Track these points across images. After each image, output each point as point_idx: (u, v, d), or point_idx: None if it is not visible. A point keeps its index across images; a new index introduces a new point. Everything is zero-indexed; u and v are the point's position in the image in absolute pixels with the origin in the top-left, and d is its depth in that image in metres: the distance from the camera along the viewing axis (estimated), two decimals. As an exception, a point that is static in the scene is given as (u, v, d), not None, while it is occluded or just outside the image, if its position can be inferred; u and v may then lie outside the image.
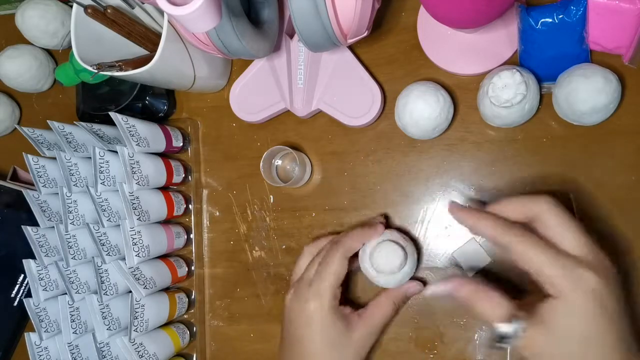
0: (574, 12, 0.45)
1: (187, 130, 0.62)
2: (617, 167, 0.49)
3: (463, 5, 0.42)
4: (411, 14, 0.55)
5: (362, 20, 0.44)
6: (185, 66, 0.53)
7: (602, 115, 0.46)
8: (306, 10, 0.41)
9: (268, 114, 0.57)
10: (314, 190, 0.58)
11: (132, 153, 0.54)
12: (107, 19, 0.52)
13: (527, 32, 0.47)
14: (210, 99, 0.63)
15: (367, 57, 0.56)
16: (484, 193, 0.52)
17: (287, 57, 0.56)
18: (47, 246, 0.59)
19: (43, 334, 0.58)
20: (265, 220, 0.60)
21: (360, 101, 0.54)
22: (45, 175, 0.59)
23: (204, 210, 0.62)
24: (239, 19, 0.45)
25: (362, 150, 0.56)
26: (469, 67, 0.52)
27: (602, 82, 0.44)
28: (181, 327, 0.60)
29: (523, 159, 0.51)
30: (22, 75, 0.66)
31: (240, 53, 0.48)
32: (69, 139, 0.57)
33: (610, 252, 0.38)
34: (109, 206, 0.55)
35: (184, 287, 0.62)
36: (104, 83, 0.61)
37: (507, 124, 0.49)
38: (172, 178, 0.59)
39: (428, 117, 0.49)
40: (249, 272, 0.60)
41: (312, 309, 0.47)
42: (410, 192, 0.55)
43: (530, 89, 0.46)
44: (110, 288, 0.56)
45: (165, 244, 0.58)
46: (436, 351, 0.53)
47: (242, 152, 0.61)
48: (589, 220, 0.49)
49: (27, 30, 0.65)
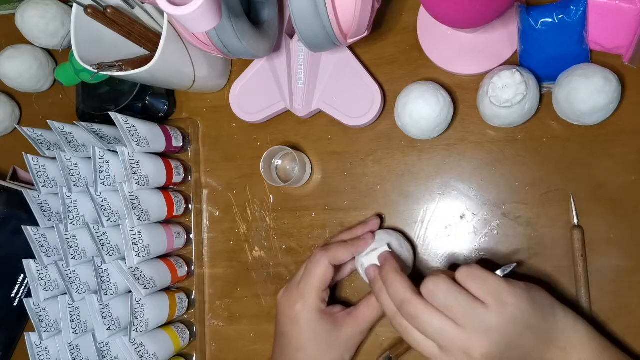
0: (574, 12, 0.45)
1: (187, 130, 0.62)
2: (617, 167, 0.49)
3: (463, 5, 0.42)
4: (411, 14, 0.55)
5: (362, 20, 0.44)
6: (185, 66, 0.53)
7: (602, 115, 0.46)
8: (306, 10, 0.41)
9: (268, 114, 0.57)
10: (314, 190, 0.58)
11: (132, 153, 0.54)
12: (107, 19, 0.52)
13: (527, 32, 0.47)
14: (210, 99, 0.63)
15: (367, 57, 0.56)
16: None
17: (287, 57, 0.56)
18: (47, 246, 0.59)
19: (43, 334, 0.58)
20: (265, 220, 0.60)
21: (360, 101, 0.54)
22: (45, 175, 0.59)
23: (204, 210, 0.62)
24: (239, 19, 0.45)
25: (362, 150, 0.56)
26: (469, 67, 0.52)
27: (602, 82, 0.44)
28: (181, 327, 0.60)
29: (523, 159, 0.51)
30: (22, 75, 0.66)
31: (240, 53, 0.48)
32: (69, 139, 0.57)
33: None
34: (109, 206, 0.55)
35: (184, 287, 0.62)
36: (104, 83, 0.61)
37: (507, 124, 0.49)
38: (172, 178, 0.59)
39: (428, 117, 0.48)
40: (249, 272, 0.60)
41: (297, 309, 0.49)
42: (410, 192, 0.55)
43: (530, 89, 0.46)
44: (110, 288, 0.56)
45: (165, 244, 0.58)
46: (436, 351, 0.53)
47: (242, 152, 0.61)
48: (589, 220, 0.49)
49: (27, 30, 0.65)
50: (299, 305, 0.49)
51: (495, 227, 0.52)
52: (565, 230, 0.49)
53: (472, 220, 0.53)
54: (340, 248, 0.50)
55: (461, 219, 0.53)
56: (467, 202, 0.53)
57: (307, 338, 0.49)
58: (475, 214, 0.53)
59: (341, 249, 0.50)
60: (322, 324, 0.49)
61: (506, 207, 0.52)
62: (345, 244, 0.50)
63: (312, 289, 0.49)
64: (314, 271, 0.49)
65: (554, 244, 0.50)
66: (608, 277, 0.48)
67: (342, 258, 0.50)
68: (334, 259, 0.49)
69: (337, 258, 0.50)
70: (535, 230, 0.51)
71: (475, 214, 0.53)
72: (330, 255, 0.49)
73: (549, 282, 0.50)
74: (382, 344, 0.54)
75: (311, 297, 0.49)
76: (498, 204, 0.52)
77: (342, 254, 0.50)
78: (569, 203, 0.49)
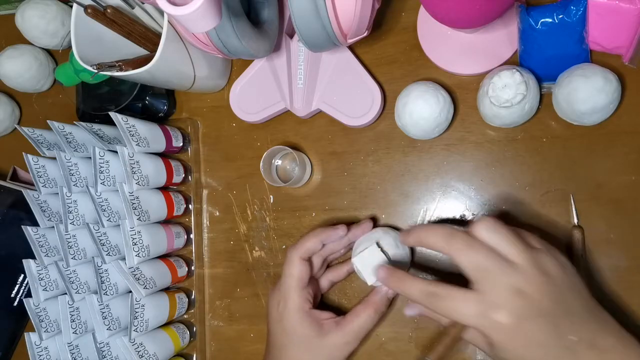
0: (574, 12, 0.45)
1: (187, 130, 0.62)
2: (617, 167, 0.49)
3: (463, 5, 0.42)
4: (411, 14, 0.55)
5: (362, 20, 0.44)
6: (185, 66, 0.53)
7: (602, 115, 0.46)
8: (306, 10, 0.41)
9: (268, 114, 0.57)
10: (314, 190, 0.58)
11: (132, 153, 0.54)
12: (107, 19, 0.52)
13: (527, 32, 0.47)
14: (210, 99, 0.63)
15: (367, 57, 0.56)
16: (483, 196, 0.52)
17: (287, 57, 0.56)
18: (47, 246, 0.59)
19: (43, 334, 0.58)
20: (265, 220, 0.60)
21: (360, 101, 0.54)
22: (45, 175, 0.59)
23: (204, 210, 0.62)
24: (239, 19, 0.45)
25: (362, 150, 0.56)
26: (469, 67, 0.52)
27: (602, 82, 0.44)
28: (181, 327, 0.60)
29: (523, 159, 0.51)
30: (22, 75, 0.66)
31: (240, 53, 0.48)
32: (69, 139, 0.57)
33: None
34: (109, 206, 0.55)
35: (184, 287, 0.62)
36: (104, 83, 0.61)
37: (507, 124, 0.49)
38: (172, 178, 0.59)
39: (428, 117, 0.48)
40: (249, 272, 0.60)
41: (280, 310, 0.50)
42: (410, 192, 0.55)
43: (530, 89, 0.46)
44: (110, 288, 0.56)
45: (165, 244, 0.58)
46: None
47: (242, 152, 0.61)
48: (589, 220, 0.49)
49: (27, 30, 0.65)
50: (281, 306, 0.50)
51: (495, 227, 0.52)
52: (565, 230, 0.49)
53: (472, 220, 0.53)
54: (307, 239, 0.50)
55: (461, 219, 0.53)
56: (467, 202, 0.53)
57: (288, 339, 0.49)
58: (475, 214, 0.53)
59: (309, 239, 0.50)
60: (305, 327, 0.48)
61: (506, 207, 0.52)
62: (312, 233, 0.50)
63: (289, 288, 0.49)
64: (288, 271, 0.50)
65: (554, 244, 0.50)
66: (608, 277, 0.48)
67: (311, 247, 0.50)
68: (303, 253, 0.50)
69: (306, 249, 0.50)
70: (536, 230, 0.51)
71: (475, 214, 0.53)
72: (298, 251, 0.50)
73: (549, 282, 0.50)
74: (382, 344, 0.54)
75: (291, 298, 0.49)
76: (498, 204, 0.52)
77: (310, 244, 0.50)
78: (569, 203, 0.49)
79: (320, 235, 0.50)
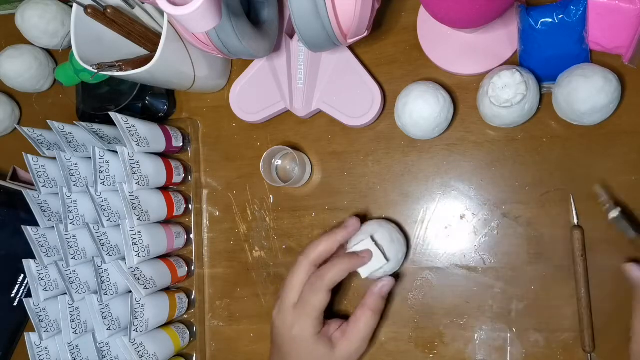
0: (574, 12, 0.45)
1: (187, 130, 0.62)
2: (617, 167, 0.49)
3: (463, 5, 0.42)
4: (411, 14, 0.55)
5: (362, 20, 0.44)
6: (185, 66, 0.53)
7: (602, 115, 0.46)
8: (306, 10, 0.41)
9: (268, 114, 0.57)
10: (314, 190, 0.58)
11: (132, 153, 0.54)
12: (107, 19, 0.52)
13: (527, 32, 0.47)
14: (210, 99, 0.63)
15: (367, 57, 0.56)
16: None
17: (287, 57, 0.56)
18: (47, 246, 0.59)
19: (43, 334, 0.58)
20: (265, 220, 0.60)
21: (360, 101, 0.54)
22: (45, 175, 0.59)
23: (204, 210, 0.62)
24: (239, 19, 0.45)
25: (362, 150, 0.56)
26: (469, 67, 0.52)
27: (602, 82, 0.44)
28: (181, 327, 0.60)
29: (523, 159, 0.51)
30: (22, 75, 0.66)
31: (240, 53, 0.48)
32: (69, 139, 0.57)
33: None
34: (109, 206, 0.55)
35: (184, 287, 0.62)
36: (104, 83, 0.61)
37: (507, 124, 0.49)
38: (172, 178, 0.59)
39: (428, 117, 0.49)
40: (249, 272, 0.60)
41: (295, 334, 0.49)
42: (410, 192, 0.55)
43: (530, 89, 0.46)
44: (110, 288, 0.56)
45: (165, 244, 0.58)
46: (436, 351, 0.53)
47: (242, 152, 0.61)
48: (589, 220, 0.49)
49: (27, 30, 0.65)
50: (296, 329, 0.49)
51: (495, 227, 0.52)
52: (565, 230, 0.49)
53: (472, 220, 0.53)
54: (334, 270, 0.49)
55: (461, 219, 0.53)
56: (467, 202, 0.53)
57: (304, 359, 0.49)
58: (475, 214, 0.53)
59: (336, 270, 0.49)
60: (319, 348, 0.49)
61: (506, 207, 0.52)
62: (338, 266, 0.49)
63: (310, 315, 0.49)
64: (312, 300, 0.48)
65: (554, 244, 0.50)
66: (608, 277, 0.48)
67: (339, 279, 0.49)
68: (332, 284, 0.48)
69: (335, 281, 0.49)
70: (535, 230, 0.51)
71: (475, 214, 0.53)
72: (328, 282, 0.48)
73: (549, 282, 0.50)
74: (382, 344, 0.54)
75: (309, 323, 0.49)
76: (498, 204, 0.52)
77: (338, 277, 0.49)
78: (569, 203, 0.49)
79: (347, 268, 0.49)
